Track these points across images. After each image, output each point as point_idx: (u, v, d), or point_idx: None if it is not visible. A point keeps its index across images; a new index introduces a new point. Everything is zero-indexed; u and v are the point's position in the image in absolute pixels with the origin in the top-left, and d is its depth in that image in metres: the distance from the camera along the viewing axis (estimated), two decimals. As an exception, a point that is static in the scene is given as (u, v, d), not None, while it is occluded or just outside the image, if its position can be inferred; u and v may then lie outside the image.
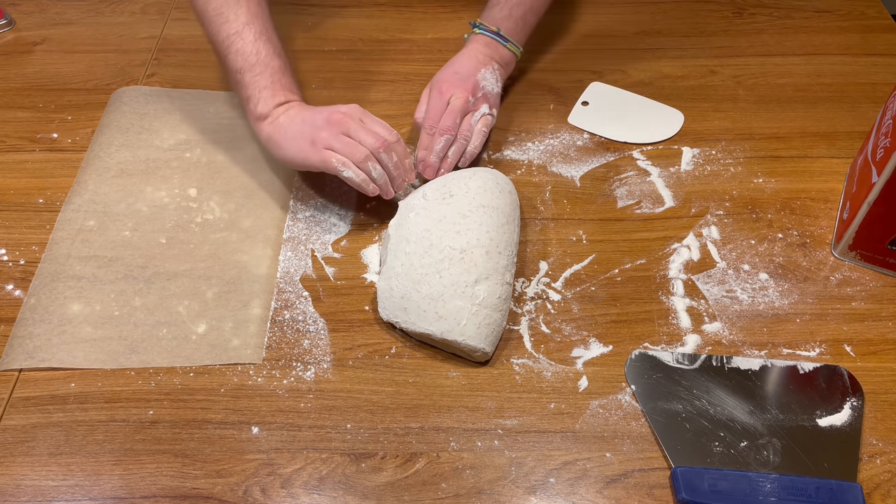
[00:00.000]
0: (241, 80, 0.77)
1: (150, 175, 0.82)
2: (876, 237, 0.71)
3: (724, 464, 0.60)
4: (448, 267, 0.67)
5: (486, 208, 0.71)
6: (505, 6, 0.85)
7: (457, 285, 0.66)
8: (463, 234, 0.68)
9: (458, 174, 0.76)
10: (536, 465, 0.61)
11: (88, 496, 0.59)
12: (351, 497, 0.59)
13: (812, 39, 1.01)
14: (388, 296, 0.68)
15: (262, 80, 0.76)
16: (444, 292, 0.66)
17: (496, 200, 0.72)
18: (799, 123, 0.89)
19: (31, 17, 1.04)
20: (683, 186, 0.82)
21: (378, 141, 0.73)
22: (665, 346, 0.68)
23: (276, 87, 0.77)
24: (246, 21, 0.77)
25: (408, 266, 0.68)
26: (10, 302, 0.71)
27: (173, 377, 0.66)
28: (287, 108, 0.76)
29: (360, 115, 0.75)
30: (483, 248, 0.68)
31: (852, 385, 0.65)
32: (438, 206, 0.71)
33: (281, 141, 0.75)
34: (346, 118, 0.74)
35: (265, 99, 0.76)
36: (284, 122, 0.75)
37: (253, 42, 0.76)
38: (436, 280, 0.66)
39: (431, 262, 0.67)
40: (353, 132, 0.73)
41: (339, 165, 0.72)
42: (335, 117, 0.74)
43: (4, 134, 0.88)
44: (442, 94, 0.79)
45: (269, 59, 0.77)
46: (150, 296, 0.71)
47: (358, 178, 0.72)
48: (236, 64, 0.77)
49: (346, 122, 0.73)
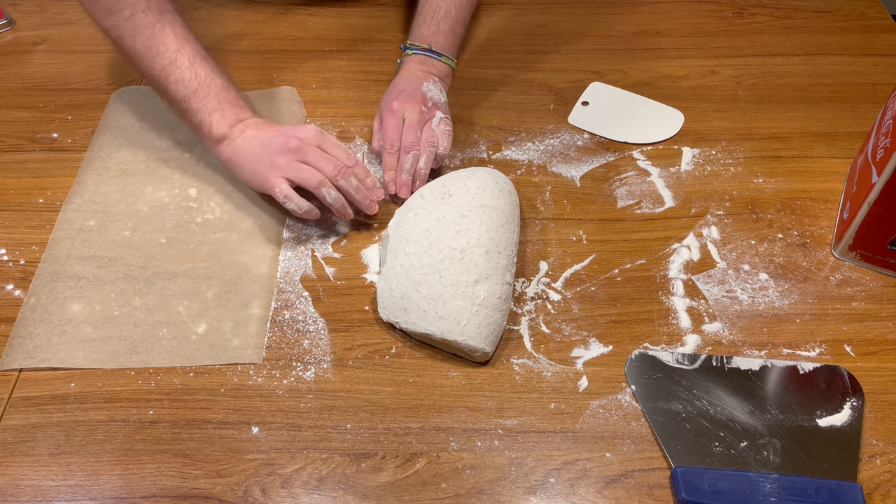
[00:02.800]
0: (188, 108, 0.75)
1: (150, 175, 0.82)
2: (876, 237, 0.71)
3: (724, 464, 0.60)
4: (448, 267, 0.67)
5: (486, 208, 0.71)
6: (431, 23, 0.86)
7: (457, 285, 0.66)
8: (463, 233, 0.68)
9: (458, 174, 0.76)
10: (536, 465, 0.61)
11: (88, 496, 0.59)
12: (351, 497, 0.59)
13: (812, 39, 1.01)
14: (388, 296, 0.68)
15: (208, 102, 0.75)
16: (444, 292, 0.66)
17: (496, 200, 0.72)
18: (799, 123, 0.89)
19: (31, 17, 1.04)
20: (683, 186, 0.82)
21: (336, 167, 0.73)
22: (665, 346, 0.68)
23: (225, 106, 0.75)
24: (177, 48, 0.75)
25: (408, 266, 0.68)
26: (10, 302, 0.71)
27: (173, 377, 0.66)
28: (243, 129, 0.75)
29: (317, 139, 0.75)
30: (483, 247, 0.68)
31: (852, 385, 0.65)
32: (437, 206, 0.71)
33: (241, 164, 0.75)
34: (302, 144, 0.73)
35: (216, 121, 0.75)
36: (242, 145, 0.75)
37: (189, 67, 0.75)
38: (436, 280, 0.66)
39: (431, 262, 0.67)
40: (311, 159, 0.73)
41: (282, 198, 0.72)
42: (292, 143, 0.73)
43: (4, 134, 0.88)
44: (394, 112, 0.80)
45: (210, 80, 0.75)
46: (150, 296, 0.71)
47: (300, 209, 0.72)
48: (178, 93, 0.75)
49: (303, 149, 0.73)
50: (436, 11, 0.86)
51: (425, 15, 0.87)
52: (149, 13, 0.74)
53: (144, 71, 0.76)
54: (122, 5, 0.74)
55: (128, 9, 0.74)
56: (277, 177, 0.73)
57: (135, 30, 0.74)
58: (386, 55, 0.99)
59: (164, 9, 0.75)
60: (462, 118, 0.90)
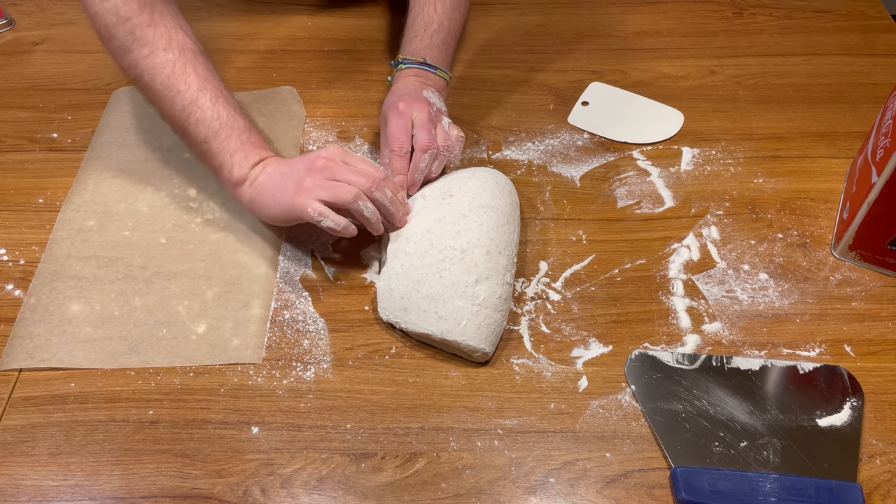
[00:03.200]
0: (210, 150, 0.72)
1: (149, 175, 0.82)
2: (876, 237, 0.71)
3: (724, 464, 0.60)
4: (448, 267, 0.67)
5: (486, 208, 0.71)
6: (424, 36, 0.83)
7: (457, 285, 0.66)
8: (463, 234, 0.68)
9: (458, 174, 0.76)
10: (536, 465, 0.61)
11: (88, 496, 0.59)
12: (351, 497, 0.59)
13: (812, 39, 1.01)
14: (388, 296, 0.68)
15: (230, 144, 0.71)
16: (444, 292, 0.66)
17: (496, 200, 0.72)
18: (799, 123, 0.89)
19: (31, 17, 1.04)
20: (683, 186, 0.82)
21: (368, 180, 0.69)
22: (665, 346, 0.68)
23: (247, 147, 0.72)
24: (198, 88, 0.71)
25: (408, 266, 0.68)
26: (10, 302, 0.71)
27: (173, 377, 0.66)
28: (263, 167, 0.72)
29: (342, 156, 0.71)
30: (483, 248, 0.68)
31: (852, 385, 0.65)
32: (438, 206, 0.71)
33: (264, 200, 0.70)
34: (329, 163, 0.70)
35: (238, 162, 0.71)
36: (264, 181, 0.71)
37: (211, 107, 0.71)
38: (436, 280, 0.66)
39: (432, 262, 0.67)
40: (340, 175, 0.69)
41: (316, 216, 0.67)
42: (318, 164, 0.69)
43: (4, 134, 0.88)
44: (401, 113, 0.75)
45: (233, 121, 0.72)
46: (150, 296, 0.71)
47: (338, 226, 0.68)
48: (199, 134, 0.72)
49: (331, 167, 0.69)
50: (428, 24, 0.83)
51: (417, 28, 0.84)
52: (170, 51, 0.71)
53: (164, 111, 0.73)
54: (142, 43, 0.71)
55: (147, 46, 0.71)
56: (307, 198, 0.68)
57: (154, 69, 0.71)
58: (386, 56, 0.99)
59: (186, 47, 0.73)
60: (462, 118, 0.90)
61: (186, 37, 0.73)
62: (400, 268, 0.69)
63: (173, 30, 0.72)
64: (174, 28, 0.73)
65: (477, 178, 0.74)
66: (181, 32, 0.73)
